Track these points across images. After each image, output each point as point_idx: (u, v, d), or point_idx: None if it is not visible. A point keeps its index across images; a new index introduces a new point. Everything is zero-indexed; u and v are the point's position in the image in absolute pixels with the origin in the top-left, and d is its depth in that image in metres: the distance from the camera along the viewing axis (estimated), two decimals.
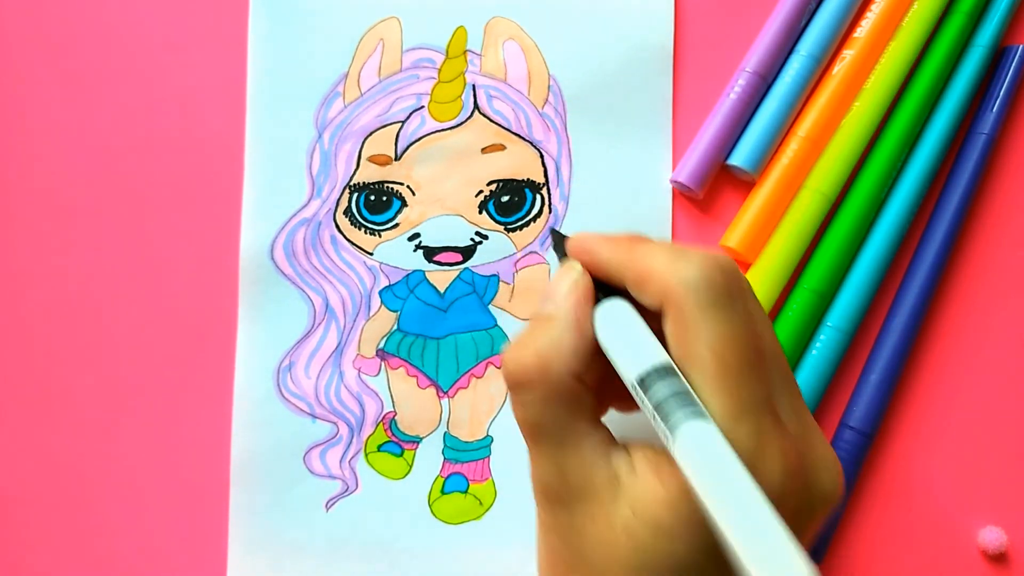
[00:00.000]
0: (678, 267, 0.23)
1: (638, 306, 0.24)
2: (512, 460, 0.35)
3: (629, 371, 0.23)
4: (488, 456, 0.35)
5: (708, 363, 0.22)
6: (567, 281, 0.25)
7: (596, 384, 0.25)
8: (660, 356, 0.22)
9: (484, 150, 0.36)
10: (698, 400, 0.21)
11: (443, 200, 0.36)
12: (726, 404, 0.22)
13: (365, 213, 0.36)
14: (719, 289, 0.22)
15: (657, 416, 0.22)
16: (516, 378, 0.24)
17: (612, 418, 0.26)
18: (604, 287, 0.25)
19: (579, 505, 0.23)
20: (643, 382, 0.22)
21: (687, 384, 0.22)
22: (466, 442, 0.35)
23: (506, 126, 0.37)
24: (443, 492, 0.35)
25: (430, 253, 0.36)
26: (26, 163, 0.37)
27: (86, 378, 0.36)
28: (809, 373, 0.34)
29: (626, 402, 0.26)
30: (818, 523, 0.24)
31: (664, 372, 0.22)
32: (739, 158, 0.36)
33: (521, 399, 0.24)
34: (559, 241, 0.28)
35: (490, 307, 0.36)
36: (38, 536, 0.35)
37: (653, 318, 0.24)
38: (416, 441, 0.35)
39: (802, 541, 0.23)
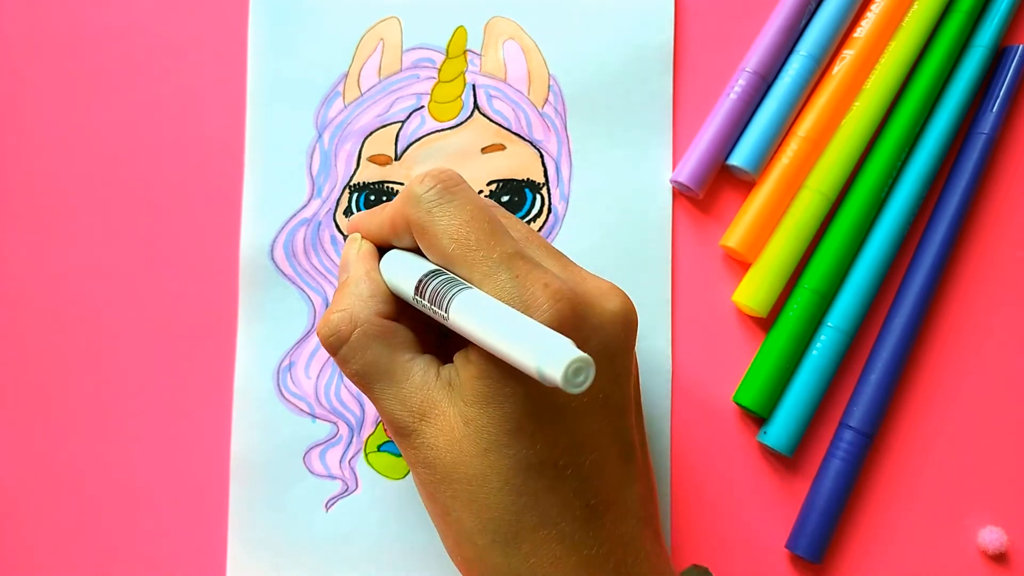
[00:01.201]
0: (403, 196, 0.27)
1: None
2: None
3: (408, 290, 0.26)
4: None
5: (453, 248, 0.25)
6: (352, 250, 0.30)
7: (416, 328, 0.28)
8: (425, 266, 0.26)
9: (484, 150, 0.36)
10: (460, 281, 0.25)
11: None
12: (481, 266, 0.25)
13: None
14: (438, 191, 0.26)
15: (435, 307, 0.25)
16: (331, 339, 0.27)
17: None
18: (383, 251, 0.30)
19: (426, 424, 0.26)
20: (417, 289, 0.26)
21: (451, 274, 0.25)
22: None
23: (506, 126, 0.37)
24: None
25: None
26: (26, 163, 0.37)
27: (86, 378, 0.36)
28: (810, 373, 0.34)
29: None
30: (624, 343, 0.26)
31: (430, 274, 0.26)
32: (739, 158, 0.36)
33: (343, 356, 0.27)
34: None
35: None
36: (38, 536, 0.35)
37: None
38: None
39: (621, 358, 0.26)
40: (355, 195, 0.36)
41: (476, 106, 0.37)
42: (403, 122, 0.37)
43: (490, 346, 0.23)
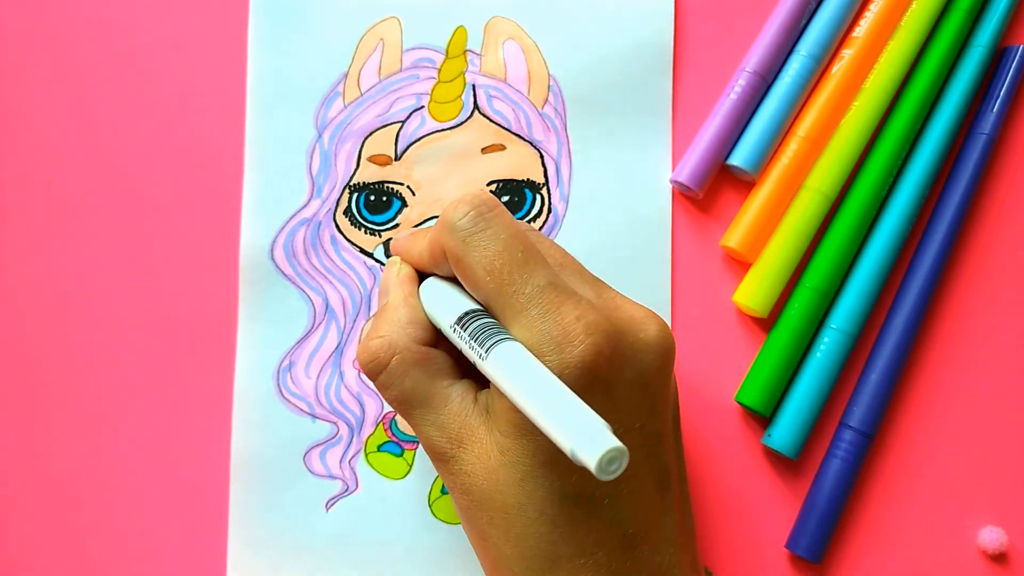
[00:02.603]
0: (440, 224, 0.27)
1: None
2: None
3: (445, 322, 0.27)
4: None
5: (488, 281, 0.25)
6: (392, 273, 0.30)
7: (453, 351, 0.28)
8: (463, 304, 0.26)
9: (484, 150, 0.36)
10: (500, 329, 0.25)
11: (443, 200, 0.36)
12: (514, 301, 0.25)
13: (365, 213, 0.36)
14: (472, 218, 0.26)
15: (472, 353, 0.25)
16: (371, 364, 0.27)
17: None
18: (423, 274, 0.30)
19: (464, 451, 0.26)
20: (455, 328, 0.26)
21: (489, 318, 0.26)
22: None
23: (506, 126, 0.37)
24: (443, 492, 0.35)
25: None
26: (26, 163, 0.37)
27: (86, 378, 0.36)
28: (813, 377, 0.34)
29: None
30: (662, 371, 0.26)
31: (468, 315, 0.26)
32: (739, 158, 0.36)
33: (383, 381, 0.27)
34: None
35: None
36: (38, 536, 0.35)
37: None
38: (416, 441, 0.35)
39: (657, 387, 0.26)
40: (355, 195, 0.36)
41: (476, 106, 0.37)
42: (403, 122, 0.37)
43: (525, 411, 0.23)
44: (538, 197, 0.36)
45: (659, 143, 0.37)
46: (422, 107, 0.37)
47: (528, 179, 0.36)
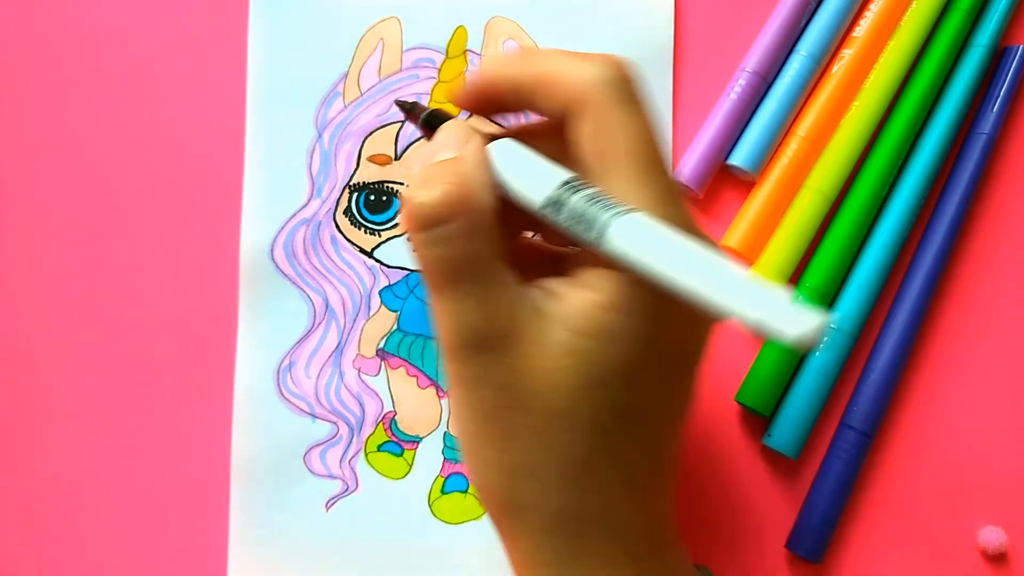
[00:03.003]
0: (585, 67, 0.23)
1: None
2: None
3: (537, 195, 0.22)
4: None
5: (632, 155, 0.22)
6: (461, 129, 0.25)
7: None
8: (566, 173, 0.23)
9: None
10: (618, 201, 0.22)
11: None
12: (656, 190, 0.22)
13: (365, 213, 0.36)
14: (629, 86, 0.23)
15: (580, 225, 0.22)
16: (433, 211, 0.22)
17: None
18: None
19: (511, 344, 0.23)
20: (556, 200, 0.22)
21: (600, 190, 0.22)
22: None
23: (506, 126, 0.37)
24: (443, 492, 0.35)
25: None
26: (25, 164, 0.37)
27: (86, 378, 0.36)
28: (813, 377, 0.34)
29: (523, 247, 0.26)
30: None
31: (576, 185, 0.22)
32: (739, 158, 0.36)
33: (437, 235, 0.22)
34: (424, 115, 0.27)
35: None
36: (38, 536, 0.35)
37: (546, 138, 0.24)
38: (416, 441, 0.35)
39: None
40: (355, 195, 0.36)
41: None
42: (403, 122, 0.37)
43: (684, 289, 0.20)
44: None
45: None
46: None
47: None
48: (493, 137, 0.25)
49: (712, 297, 0.19)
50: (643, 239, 0.21)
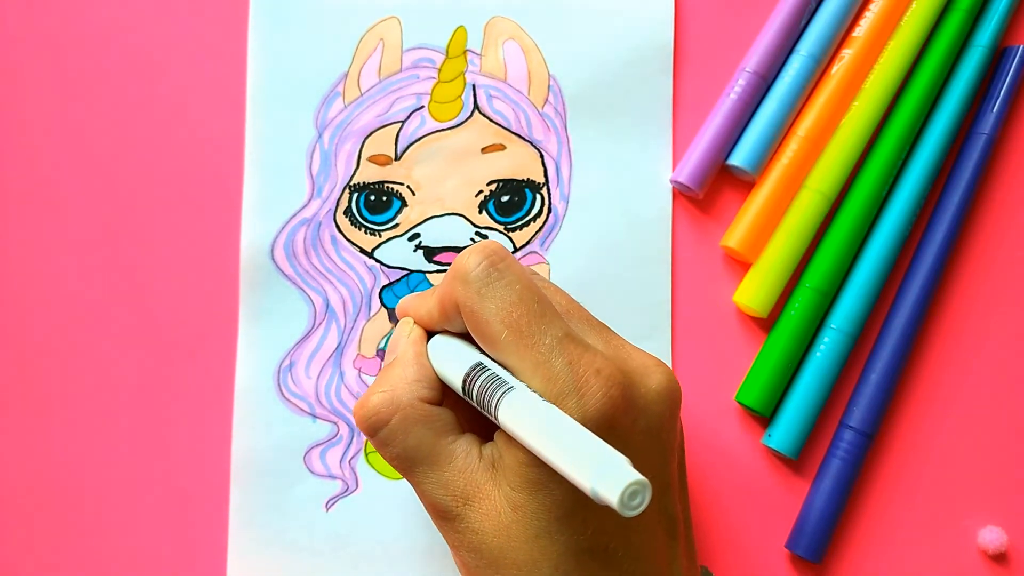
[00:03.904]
0: (450, 277, 0.26)
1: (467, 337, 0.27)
2: None
3: (456, 376, 0.26)
4: None
5: (502, 330, 0.25)
6: (403, 332, 0.29)
7: (457, 404, 0.27)
8: (473, 358, 0.26)
9: (484, 150, 0.36)
10: (508, 378, 0.25)
11: (443, 200, 0.36)
12: (533, 353, 0.24)
13: (365, 213, 0.36)
14: (485, 268, 0.25)
15: (485, 405, 0.25)
16: (371, 420, 0.26)
17: None
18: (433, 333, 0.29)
19: (470, 509, 0.25)
20: (464, 384, 0.25)
21: (497, 368, 0.25)
22: None
23: (506, 126, 0.37)
24: None
25: (430, 253, 0.36)
26: (25, 163, 0.37)
27: (86, 378, 0.36)
28: (813, 377, 0.34)
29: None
30: (670, 420, 0.26)
31: (477, 368, 0.25)
32: (739, 158, 0.36)
33: (383, 438, 0.26)
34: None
35: None
36: (37, 536, 0.35)
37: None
38: None
39: (667, 436, 0.26)
40: (355, 195, 0.36)
41: (476, 106, 0.37)
42: (403, 122, 0.37)
43: (541, 455, 0.22)
44: (538, 197, 0.36)
45: (659, 143, 0.37)
46: (422, 107, 0.37)
47: (528, 179, 0.36)
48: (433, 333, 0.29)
49: (561, 467, 0.22)
50: (516, 416, 0.23)
